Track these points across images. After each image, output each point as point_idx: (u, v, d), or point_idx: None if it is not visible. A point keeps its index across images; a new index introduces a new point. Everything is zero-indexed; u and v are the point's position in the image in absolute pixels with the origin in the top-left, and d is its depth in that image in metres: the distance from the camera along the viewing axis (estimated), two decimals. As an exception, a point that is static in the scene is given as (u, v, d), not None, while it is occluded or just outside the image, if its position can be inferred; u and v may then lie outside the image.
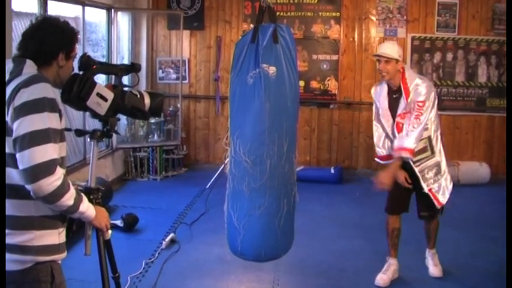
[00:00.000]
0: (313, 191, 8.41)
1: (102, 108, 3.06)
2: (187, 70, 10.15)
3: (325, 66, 10.35)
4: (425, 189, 5.46)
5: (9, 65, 2.69)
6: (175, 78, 10.08)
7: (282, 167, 3.90)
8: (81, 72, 3.02)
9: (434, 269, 5.77)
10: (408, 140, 5.20)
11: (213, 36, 10.23)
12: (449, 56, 9.84)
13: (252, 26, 9.38)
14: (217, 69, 10.10)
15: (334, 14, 10.22)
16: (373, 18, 10.18)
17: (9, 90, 2.57)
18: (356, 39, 10.30)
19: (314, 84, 10.27)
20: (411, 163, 5.35)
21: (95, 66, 3.09)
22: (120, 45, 9.35)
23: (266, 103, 3.77)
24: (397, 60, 5.36)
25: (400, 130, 5.35)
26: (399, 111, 5.38)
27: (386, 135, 5.60)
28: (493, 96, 10.20)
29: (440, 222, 5.81)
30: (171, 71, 10.10)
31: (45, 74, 2.74)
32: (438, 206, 5.52)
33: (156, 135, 9.53)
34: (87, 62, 3.03)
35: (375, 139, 5.72)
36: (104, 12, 8.78)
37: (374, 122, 5.74)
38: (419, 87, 5.32)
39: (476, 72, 9.91)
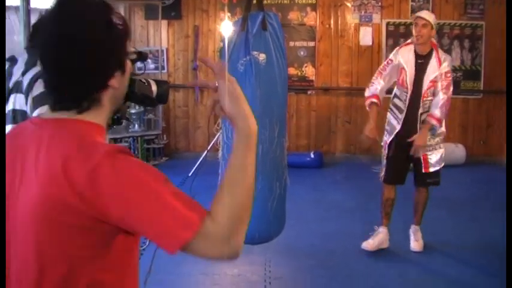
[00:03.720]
0: (295, 176, 8.44)
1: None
2: (165, 60, 10.19)
3: (302, 53, 10.45)
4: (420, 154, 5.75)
5: (24, 56, 2.70)
6: (154, 68, 10.14)
7: (274, 151, 3.96)
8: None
9: (415, 243, 5.96)
10: (437, 110, 5.70)
11: (191, 25, 10.29)
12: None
13: (229, 14, 9.52)
14: (196, 58, 10.11)
15: (310, 1, 10.33)
16: (349, 4, 10.31)
17: (26, 80, 2.60)
18: (332, 25, 10.42)
19: (291, 70, 10.32)
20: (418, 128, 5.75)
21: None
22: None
23: (257, 89, 3.80)
24: (432, 27, 5.64)
25: (424, 98, 5.72)
26: (431, 77, 5.70)
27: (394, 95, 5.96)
28: (467, 79, 10.41)
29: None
30: (150, 61, 10.12)
31: None
32: (424, 171, 5.87)
33: (136, 125, 9.53)
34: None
35: (377, 88, 6.01)
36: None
37: (378, 77, 6.05)
38: (448, 61, 5.75)
39: (450, 55, 9.92)
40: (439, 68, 5.67)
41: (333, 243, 6.16)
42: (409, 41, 5.98)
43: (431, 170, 5.86)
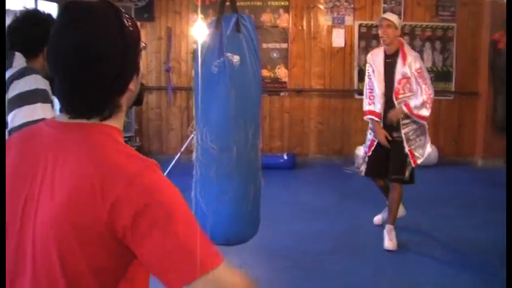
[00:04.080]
0: (269, 178, 8.45)
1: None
2: (138, 62, 10.09)
3: (275, 54, 10.48)
4: (406, 149, 6.03)
5: None
6: (127, 69, 10.00)
7: (248, 153, 3.97)
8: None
9: (389, 243, 6.03)
10: (423, 110, 5.97)
11: (164, 27, 10.27)
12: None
13: (202, 16, 9.51)
14: (168, 60, 10.09)
15: (282, 3, 10.35)
16: (321, 6, 10.36)
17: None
18: (305, 27, 10.46)
19: (264, 72, 10.29)
20: (400, 124, 6.04)
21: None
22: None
23: (231, 91, 3.81)
24: (396, 27, 5.93)
25: (397, 95, 6.00)
26: (398, 76, 5.97)
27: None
28: (438, 80, 10.44)
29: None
30: (122, 62, 10.00)
31: (33, 65, 2.74)
32: (413, 165, 6.08)
33: (109, 128, 9.43)
34: None
35: (374, 99, 6.25)
36: (54, 5, 8.63)
37: (368, 86, 6.33)
38: (416, 58, 6.04)
39: (422, 57, 9.93)
40: (404, 64, 5.97)
41: (308, 243, 6.18)
42: (381, 43, 6.28)
43: (419, 161, 6.18)
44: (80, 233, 1.48)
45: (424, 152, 6.14)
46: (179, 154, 8.25)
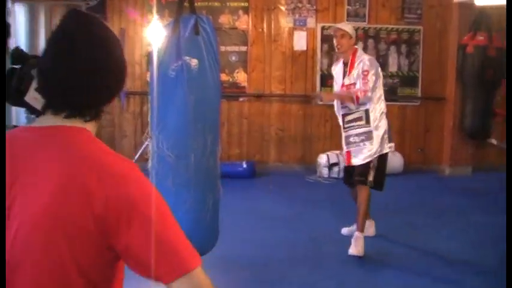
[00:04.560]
0: (227, 186, 8.50)
1: (41, 103, 3.09)
2: (89, 64, 9.99)
3: (233, 58, 10.50)
4: (344, 150, 6.46)
5: None
6: (78, 72, 9.89)
7: (207, 161, 4.03)
8: (18, 66, 3.03)
9: (353, 248, 6.15)
10: (361, 98, 6.27)
11: (116, 28, 10.17)
12: (360, 46, 10.06)
13: (157, 16, 9.50)
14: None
15: (242, 4, 10.38)
16: (282, 8, 10.42)
17: None
18: (265, 29, 10.51)
19: (223, 76, 10.19)
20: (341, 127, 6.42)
21: (30, 60, 3.10)
22: (18, 39, 9.05)
23: (189, 95, 3.87)
24: (350, 36, 6.27)
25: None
26: (345, 81, 6.38)
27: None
28: (404, 85, 10.69)
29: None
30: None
31: None
32: (345, 164, 6.52)
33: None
34: (21, 56, 3.05)
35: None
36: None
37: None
38: (364, 61, 6.25)
39: (387, 61, 10.44)
40: (350, 72, 6.39)
41: (268, 253, 6.26)
42: None
43: (356, 163, 6.40)
44: (68, 231, 1.60)
45: (362, 157, 6.42)
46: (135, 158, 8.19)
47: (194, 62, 3.93)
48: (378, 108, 6.32)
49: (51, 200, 1.60)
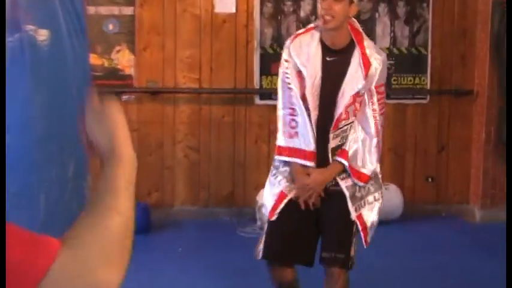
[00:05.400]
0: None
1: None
2: None
3: (110, 27, 8.41)
4: (353, 215, 4.66)
5: None
6: None
7: (67, 204, 3.01)
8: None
9: None
10: (368, 167, 4.44)
11: None
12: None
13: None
14: None
15: None
16: None
17: None
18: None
19: (93, 59, 8.55)
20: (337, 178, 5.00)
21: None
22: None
23: (34, 92, 2.91)
24: (351, 2, 4.63)
25: (343, 117, 4.47)
26: (353, 87, 4.43)
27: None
28: (403, 71, 7.97)
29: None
30: None
31: None
32: (365, 246, 4.82)
33: None
34: None
35: (296, 126, 4.74)
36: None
37: (284, 99, 4.76)
38: (377, 60, 4.47)
39: (373, 31, 8.53)
40: (366, 74, 4.41)
41: None
42: (311, 25, 4.94)
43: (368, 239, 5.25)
44: None
45: (374, 217, 4.88)
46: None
47: (43, 34, 2.86)
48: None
49: None
